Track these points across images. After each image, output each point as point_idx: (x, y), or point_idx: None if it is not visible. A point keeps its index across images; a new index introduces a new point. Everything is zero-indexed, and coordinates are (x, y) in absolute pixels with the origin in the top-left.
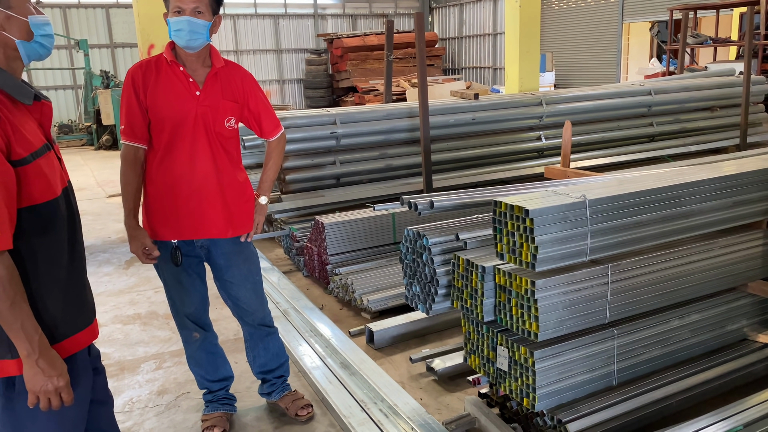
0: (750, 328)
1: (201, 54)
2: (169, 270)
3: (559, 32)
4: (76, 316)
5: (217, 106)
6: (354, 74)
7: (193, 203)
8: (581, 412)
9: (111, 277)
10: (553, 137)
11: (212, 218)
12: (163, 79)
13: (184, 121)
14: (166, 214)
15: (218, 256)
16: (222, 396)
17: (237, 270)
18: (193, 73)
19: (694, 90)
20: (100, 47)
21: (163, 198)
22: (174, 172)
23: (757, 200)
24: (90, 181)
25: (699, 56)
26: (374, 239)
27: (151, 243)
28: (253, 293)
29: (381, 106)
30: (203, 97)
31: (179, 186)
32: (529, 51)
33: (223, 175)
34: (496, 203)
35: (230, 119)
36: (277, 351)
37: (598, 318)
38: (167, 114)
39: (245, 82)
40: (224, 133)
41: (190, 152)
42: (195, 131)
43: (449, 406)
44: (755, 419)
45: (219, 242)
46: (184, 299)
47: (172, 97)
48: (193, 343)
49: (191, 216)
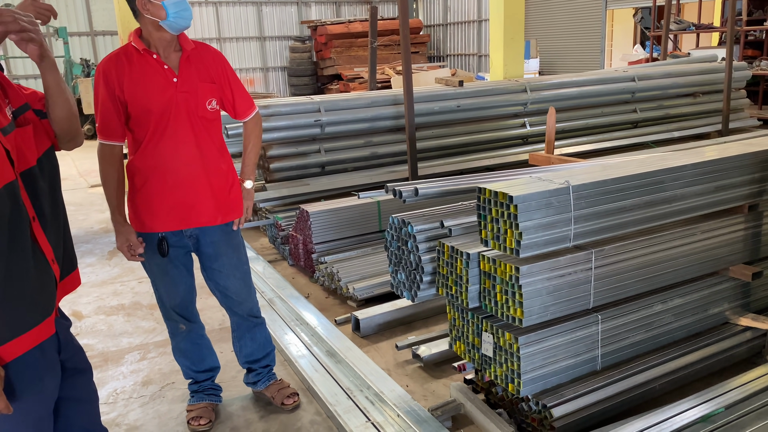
0: (731, 312)
1: (173, 37)
2: (155, 261)
3: (543, 19)
4: (17, 318)
5: (196, 89)
6: (338, 62)
7: (181, 192)
8: (566, 397)
9: (94, 268)
10: (538, 124)
11: (201, 206)
12: (138, 70)
13: (166, 110)
14: (153, 206)
15: (207, 245)
16: (208, 386)
17: (226, 259)
18: (167, 60)
19: (677, 76)
20: (80, 35)
21: (149, 189)
22: (159, 162)
23: (739, 185)
24: (71, 171)
25: (682, 42)
26: (360, 227)
27: (136, 240)
28: (242, 282)
29: (366, 94)
30: (181, 83)
31: (165, 176)
32: (514, 38)
33: (209, 161)
34: (480, 190)
35: (211, 101)
36: (263, 341)
37: (582, 303)
38: (147, 106)
39: (217, 61)
40: (207, 116)
41: (174, 140)
42: (177, 119)
43: (435, 392)
44: (737, 401)
45: (208, 231)
46: (171, 291)
47: (150, 87)
48: (179, 334)
49: (180, 206)
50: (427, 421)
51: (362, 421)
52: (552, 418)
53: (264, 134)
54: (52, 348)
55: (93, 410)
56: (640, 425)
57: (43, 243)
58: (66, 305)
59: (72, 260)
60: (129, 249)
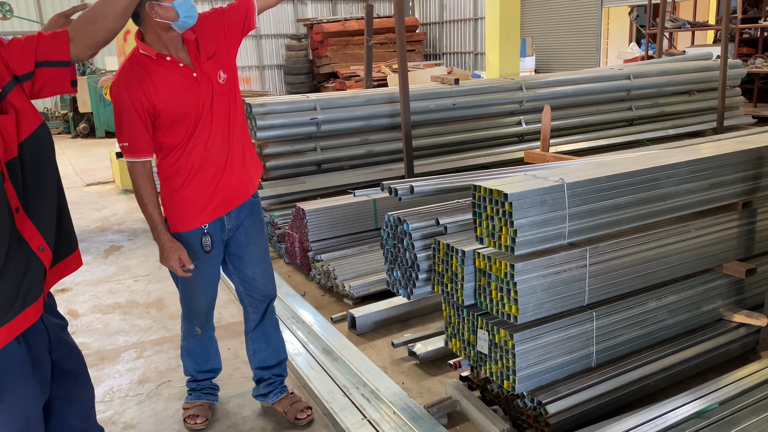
0: (725, 308)
1: (179, 34)
2: (194, 263)
3: (539, 17)
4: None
5: (209, 74)
6: (334, 60)
7: (224, 177)
8: (561, 394)
9: (90, 267)
10: (533, 122)
11: (243, 182)
12: (159, 78)
13: (199, 107)
14: (198, 199)
15: (240, 233)
16: (206, 386)
17: (256, 248)
18: (179, 58)
19: (672, 74)
20: None
21: (193, 186)
22: (201, 158)
23: (733, 182)
24: (68, 169)
25: (677, 40)
26: (355, 225)
27: (187, 256)
28: (268, 272)
29: (361, 92)
30: (200, 75)
31: (208, 167)
32: (510, 36)
33: (239, 136)
34: (475, 188)
35: (218, 73)
36: (278, 346)
37: (577, 300)
38: (183, 110)
39: (208, 22)
40: (224, 90)
41: (209, 131)
42: (210, 110)
43: (431, 389)
44: (731, 397)
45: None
46: (206, 291)
47: (178, 92)
48: (194, 336)
49: (224, 190)
50: (422, 418)
51: (358, 418)
52: (547, 415)
53: (260, 132)
54: (40, 346)
55: (88, 410)
56: (635, 421)
57: (28, 232)
58: (62, 304)
59: (71, 241)
60: (181, 265)
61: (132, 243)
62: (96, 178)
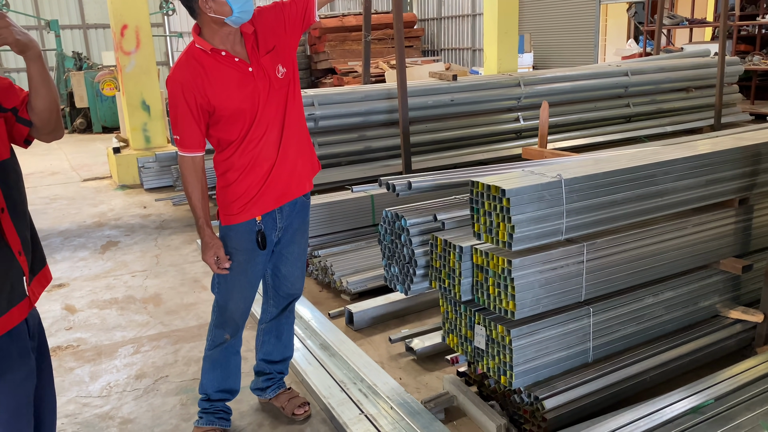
0: (722, 305)
1: (236, 29)
2: (238, 259)
3: (537, 13)
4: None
5: (267, 69)
6: (332, 56)
7: (277, 173)
8: (558, 389)
9: (87, 262)
10: (531, 118)
11: (292, 178)
12: (215, 73)
13: (255, 103)
14: (249, 193)
15: (288, 232)
16: (219, 408)
17: (297, 247)
18: (235, 52)
19: (670, 71)
20: (72, 28)
21: (249, 179)
22: (258, 154)
23: (730, 179)
24: (64, 165)
25: (675, 37)
26: (353, 221)
27: (224, 254)
28: (302, 272)
29: (359, 88)
30: (256, 70)
31: (264, 162)
32: (508, 32)
33: (296, 132)
34: (473, 183)
35: (277, 68)
36: (287, 343)
37: (574, 296)
38: (239, 106)
39: (268, 16)
40: (282, 84)
41: (265, 126)
42: (266, 105)
43: (428, 385)
44: (726, 392)
45: (296, 206)
46: (243, 293)
47: (233, 87)
48: (220, 344)
49: (277, 185)
50: (420, 414)
51: (355, 413)
52: (544, 410)
53: None
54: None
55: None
56: (631, 416)
57: (10, 235)
58: (59, 299)
59: (42, 257)
60: (216, 262)
61: (129, 239)
62: (93, 173)
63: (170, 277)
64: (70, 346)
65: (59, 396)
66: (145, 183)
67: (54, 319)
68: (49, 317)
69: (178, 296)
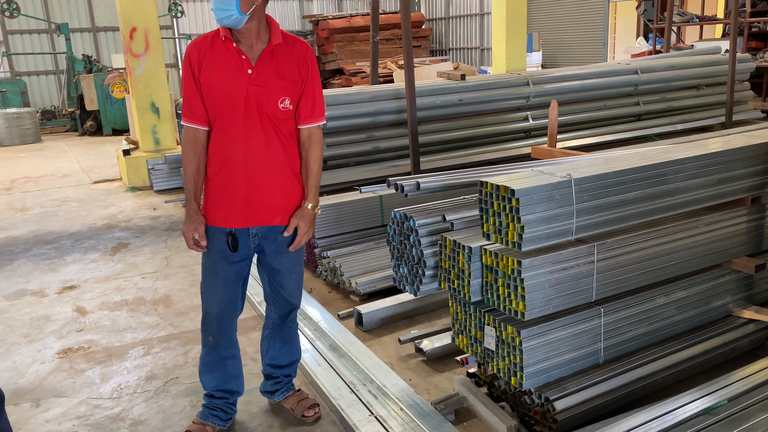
0: (734, 304)
1: (254, 29)
2: (211, 258)
3: (545, 12)
4: None
5: (271, 85)
6: (340, 56)
7: (245, 187)
8: (568, 390)
9: (97, 264)
10: (540, 117)
11: (262, 205)
12: (217, 55)
13: (236, 100)
14: (219, 200)
15: (270, 243)
16: (218, 406)
17: (286, 258)
18: (249, 50)
19: (680, 69)
20: (81, 31)
21: (217, 182)
22: (227, 155)
23: (742, 177)
24: (75, 167)
25: (685, 35)
26: (362, 222)
27: (203, 232)
28: (296, 283)
29: (367, 88)
30: (255, 76)
31: (232, 170)
32: (516, 31)
33: (277, 161)
34: (482, 183)
35: (284, 99)
36: (292, 348)
37: (585, 296)
38: (218, 91)
39: (304, 57)
40: (278, 115)
41: (243, 134)
42: (247, 112)
43: (438, 386)
44: (739, 393)
45: (273, 230)
46: (216, 294)
47: (224, 73)
48: (207, 346)
49: (243, 203)
50: (430, 415)
51: (365, 414)
52: (554, 411)
53: None
54: None
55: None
56: (643, 418)
57: None
58: (70, 301)
59: None
60: (193, 238)
61: (139, 240)
62: (103, 175)
63: (180, 278)
64: (81, 347)
65: (71, 397)
66: (155, 185)
67: (65, 320)
68: (61, 319)
69: (188, 298)
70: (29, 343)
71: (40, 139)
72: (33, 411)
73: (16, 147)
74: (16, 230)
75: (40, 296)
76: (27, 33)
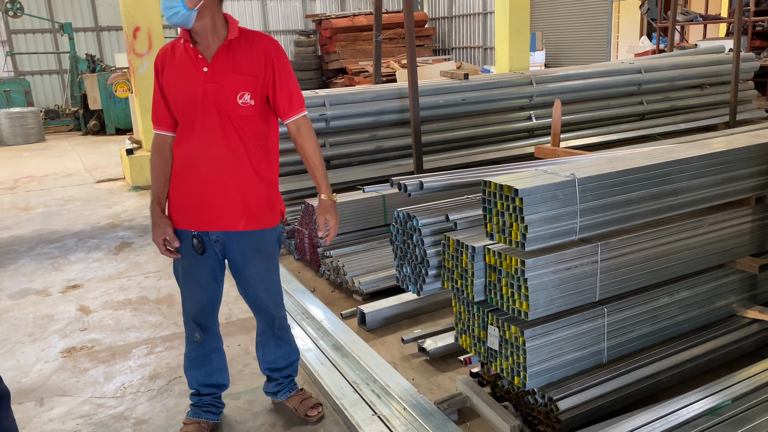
0: (738, 304)
1: (209, 27)
2: (183, 261)
3: (548, 11)
4: None
5: (227, 81)
6: (343, 55)
7: (204, 191)
8: (572, 390)
9: (101, 263)
10: (544, 117)
11: (224, 209)
12: (177, 59)
13: (194, 101)
14: (181, 202)
15: (235, 254)
16: (208, 402)
17: (254, 268)
18: (205, 49)
19: (683, 68)
20: (85, 31)
21: (178, 185)
22: (188, 157)
23: (746, 177)
24: (78, 166)
25: (689, 34)
26: (365, 221)
27: (172, 233)
28: (268, 293)
29: (370, 88)
30: (211, 73)
31: (191, 172)
32: (519, 30)
33: (238, 160)
34: (485, 183)
35: (243, 95)
36: (288, 350)
37: (588, 296)
38: (177, 95)
39: (265, 50)
40: (239, 113)
41: (202, 135)
42: (205, 112)
43: (441, 385)
44: (743, 393)
45: (234, 237)
46: (192, 295)
47: (182, 77)
48: (193, 342)
49: (202, 205)
50: (433, 414)
51: (368, 414)
52: (558, 411)
53: None
54: None
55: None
56: (647, 418)
57: None
58: (74, 300)
59: None
60: (164, 243)
61: (142, 239)
62: (106, 174)
63: None
64: (84, 347)
65: (75, 396)
66: None
67: (69, 320)
68: (64, 318)
69: None
70: (33, 342)
71: (44, 139)
72: (37, 410)
73: (19, 146)
74: (20, 229)
75: (44, 295)
76: (31, 32)
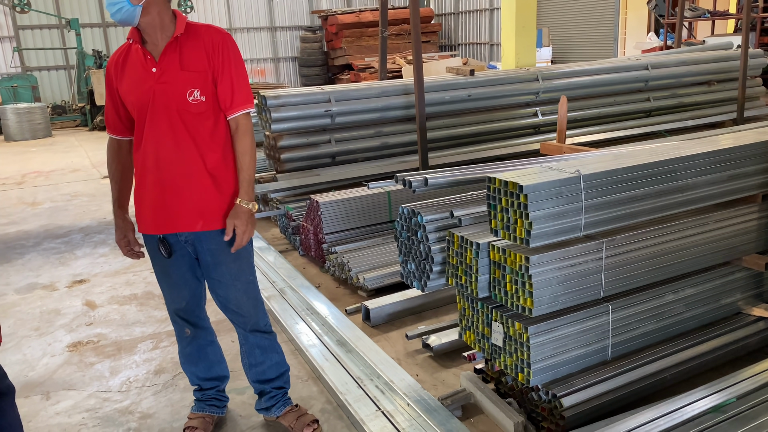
0: (744, 302)
1: (156, 24)
2: (157, 262)
3: (555, 7)
4: None
5: (175, 79)
6: (349, 51)
7: (158, 192)
8: (576, 387)
9: (107, 258)
10: (550, 113)
11: (179, 209)
12: (129, 62)
13: (145, 103)
14: (142, 206)
15: (204, 253)
16: (212, 396)
17: (225, 268)
18: (154, 48)
19: (691, 64)
20: (91, 26)
21: (139, 188)
22: (142, 160)
23: (753, 174)
24: (85, 162)
25: (697, 30)
26: (370, 217)
27: (133, 236)
28: (243, 294)
29: (376, 84)
30: (159, 73)
31: (146, 175)
32: (526, 26)
33: (190, 160)
34: (490, 179)
35: (193, 92)
36: (277, 360)
37: (593, 293)
38: (131, 99)
39: (212, 43)
40: (190, 110)
41: (151, 137)
42: (155, 112)
43: (445, 381)
44: (748, 391)
45: (203, 237)
46: (173, 294)
47: (134, 80)
48: (185, 338)
49: (160, 207)
50: (437, 410)
51: (372, 410)
52: (562, 408)
53: (274, 125)
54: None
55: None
56: (651, 415)
57: None
58: (80, 294)
59: None
60: (126, 245)
61: None
62: None
63: None
64: (90, 341)
65: (80, 390)
66: None
67: (75, 314)
68: (71, 313)
69: None
70: (39, 336)
71: (51, 134)
72: (43, 403)
73: (27, 142)
74: (27, 224)
75: (51, 290)
76: (38, 28)
